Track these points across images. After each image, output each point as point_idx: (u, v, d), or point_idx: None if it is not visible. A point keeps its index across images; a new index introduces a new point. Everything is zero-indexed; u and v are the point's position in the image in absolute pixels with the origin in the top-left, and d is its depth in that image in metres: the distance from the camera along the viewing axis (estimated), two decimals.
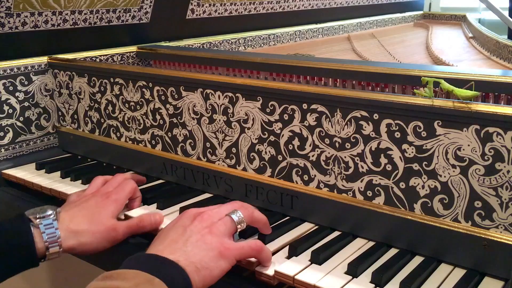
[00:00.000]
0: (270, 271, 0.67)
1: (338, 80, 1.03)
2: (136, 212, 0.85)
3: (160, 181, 0.99)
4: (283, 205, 0.82)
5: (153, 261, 0.61)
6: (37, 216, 0.73)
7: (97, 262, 0.85)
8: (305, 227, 0.78)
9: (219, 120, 0.87)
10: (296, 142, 0.78)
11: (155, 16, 1.37)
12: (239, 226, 0.70)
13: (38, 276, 1.45)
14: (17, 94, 1.10)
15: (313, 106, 0.75)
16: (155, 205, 0.87)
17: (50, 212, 0.74)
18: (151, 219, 0.80)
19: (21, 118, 1.11)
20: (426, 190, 0.67)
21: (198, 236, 0.65)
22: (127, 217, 0.84)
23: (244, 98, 0.83)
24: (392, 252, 0.71)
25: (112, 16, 1.27)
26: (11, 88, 1.08)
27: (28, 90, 1.12)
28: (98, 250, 0.76)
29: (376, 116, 0.70)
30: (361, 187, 0.73)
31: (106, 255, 0.79)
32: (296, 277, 0.65)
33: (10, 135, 1.10)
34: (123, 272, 0.57)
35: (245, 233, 0.75)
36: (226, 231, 0.68)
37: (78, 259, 0.89)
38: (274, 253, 0.71)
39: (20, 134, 1.12)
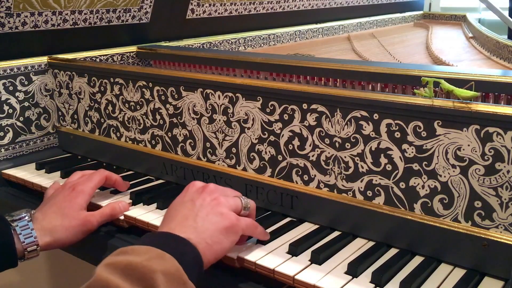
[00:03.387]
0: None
1: (338, 80, 1.03)
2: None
3: (160, 181, 0.99)
4: (283, 205, 0.82)
5: (164, 238, 0.63)
6: (13, 219, 0.76)
7: (83, 256, 0.89)
8: (305, 227, 0.78)
9: (219, 120, 0.87)
10: (296, 142, 0.78)
11: (155, 16, 1.37)
12: (243, 211, 0.72)
13: (39, 276, 1.45)
14: (17, 94, 1.10)
15: (313, 106, 0.75)
16: (155, 205, 0.87)
17: (24, 214, 0.77)
18: (121, 207, 0.84)
19: (21, 118, 1.11)
20: (426, 190, 0.67)
21: (208, 209, 0.68)
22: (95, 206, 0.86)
23: (244, 98, 0.83)
24: (392, 252, 0.71)
25: (112, 16, 1.27)
26: (11, 88, 1.08)
27: (28, 90, 1.12)
28: (74, 242, 0.80)
29: (376, 116, 0.70)
30: (361, 187, 0.73)
31: (88, 248, 0.84)
32: (296, 277, 0.65)
33: (10, 135, 1.10)
34: (136, 248, 0.59)
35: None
36: (233, 206, 0.70)
37: (78, 259, 0.90)
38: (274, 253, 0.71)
39: (20, 134, 1.11)
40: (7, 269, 0.75)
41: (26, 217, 0.77)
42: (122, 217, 0.85)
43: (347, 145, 0.73)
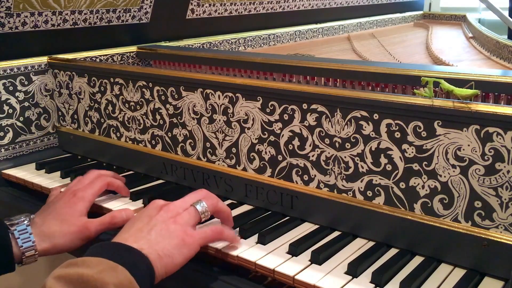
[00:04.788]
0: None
1: (338, 80, 1.03)
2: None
3: (160, 181, 0.99)
4: (283, 205, 0.82)
5: (116, 249, 0.63)
6: (12, 223, 0.75)
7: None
8: (305, 227, 0.78)
9: (219, 120, 0.87)
10: (296, 142, 0.78)
11: (155, 16, 1.37)
12: (202, 216, 0.72)
13: (39, 277, 1.45)
14: (17, 94, 1.10)
15: (313, 106, 0.75)
16: None
17: (23, 218, 0.76)
18: (123, 215, 0.81)
19: (21, 118, 1.11)
20: (426, 190, 0.67)
21: (163, 225, 0.68)
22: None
23: (244, 98, 0.83)
24: (392, 252, 0.71)
25: (112, 16, 1.27)
26: (11, 88, 1.08)
27: (28, 90, 1.12)
28: (72, 248, 0.78)
29: (376, 116, 0.70)
30: (361, 187, 0.73)
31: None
32: (296, 277, 0.65)
33: (10, 135, 1.10)
34: (87, 260, 0.58)
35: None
36: (190, 221, 0.70)
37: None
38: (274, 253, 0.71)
39: (20, 134, 1.12)
40: (5, 274, 0.74)
41: (25, 222, 0.76)
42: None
43: (347, 145, 0.73)
